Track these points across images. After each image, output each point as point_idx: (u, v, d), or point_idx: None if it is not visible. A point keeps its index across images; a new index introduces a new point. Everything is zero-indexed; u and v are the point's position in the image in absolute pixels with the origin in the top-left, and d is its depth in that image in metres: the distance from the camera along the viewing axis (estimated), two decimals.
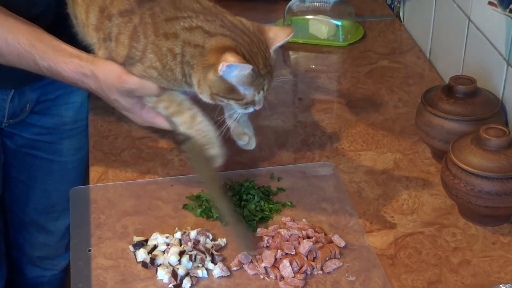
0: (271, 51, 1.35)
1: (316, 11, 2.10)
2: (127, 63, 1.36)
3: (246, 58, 1.29)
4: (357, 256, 1.34)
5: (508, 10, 1.47)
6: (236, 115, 1.39)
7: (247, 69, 1.28)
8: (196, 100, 1.40)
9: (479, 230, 1.40)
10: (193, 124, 1.39)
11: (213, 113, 1.41)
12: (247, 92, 1.32)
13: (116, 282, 1.30)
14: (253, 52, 1.31)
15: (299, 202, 1.47)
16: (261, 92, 1.34)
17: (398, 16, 2.18)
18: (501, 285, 1.26)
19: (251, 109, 1.37)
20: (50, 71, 1.43)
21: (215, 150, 1.40)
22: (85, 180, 1.75)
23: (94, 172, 1.57)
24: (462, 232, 1.40)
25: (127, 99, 1.41)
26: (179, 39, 1.32)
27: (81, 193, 1.51)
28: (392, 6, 2.22)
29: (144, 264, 1.32)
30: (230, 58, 1.25)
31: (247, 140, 1.47)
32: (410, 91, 1.84)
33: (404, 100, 1.80)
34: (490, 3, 1.54)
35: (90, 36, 1.43)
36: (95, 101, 1.75)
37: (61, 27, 1.48)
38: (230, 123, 1.41)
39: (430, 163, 1.58)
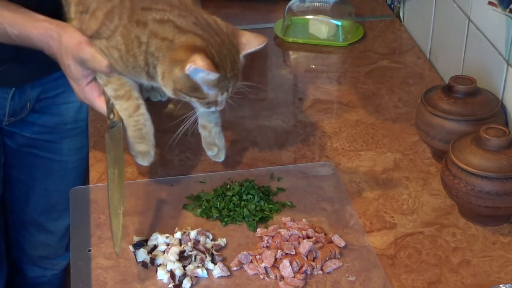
0: (241, 55, 1.35)
1: (316, 11, 2.10)
2: (94, 37, 1.37)
3: (215, 60, 1.29)
4: (357, 256, 1.34)
5: (508, 10, 1.47)
6: (197, 112, 1.40)
7: (214, 75, 1.29)
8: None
9: (479, 230, 1.40)
10: (134, 114, 1.39)
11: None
12: (211, 92, 1.33)
13: (116, 282, 1.30)
14: (222, 54, 1.31)
15: (299, 202, 1.47)
16: (225, 94, 1.35)
17: (398, 16, 2.18)
18: (501, 285, 1.26)
19: (212, 109, 1.37)
20: (19, 38, 1.44)
21: (144, 147, 1.41)
22: (85, 180, 1.75)
23: (94, 172, 1.57)
24: (462, 232, 1.40)
25: (78, 68, 1.41)
26: (147, 28, 1.32)
27: (81, 193, 1.51)
28: (392, 6, 2.22)
29: (144, 264, 1.32)
30: (199, 62, 1.26)
31: (216, 152, 1.48)
32: (410, 91, 1.84)
33: (404, 100, 1.80)
34: (490, 3, 1.54)
35: (71, 11, 1.44)
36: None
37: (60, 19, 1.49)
38: (201, 131, 1.45)
39: (430, 163, 1.58)
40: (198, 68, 1.27)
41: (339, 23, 2.06)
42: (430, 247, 1.37)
